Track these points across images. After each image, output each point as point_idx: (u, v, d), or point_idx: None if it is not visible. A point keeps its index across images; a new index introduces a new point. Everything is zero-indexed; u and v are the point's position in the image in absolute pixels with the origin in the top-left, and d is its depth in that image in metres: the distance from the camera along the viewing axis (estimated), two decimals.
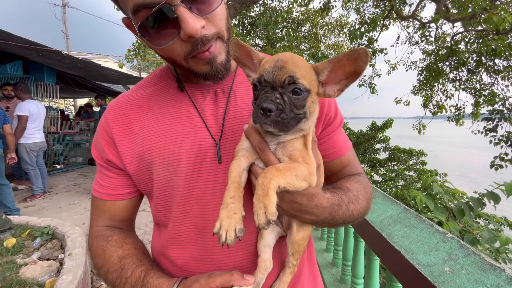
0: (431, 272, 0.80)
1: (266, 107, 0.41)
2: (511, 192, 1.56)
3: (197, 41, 0.49)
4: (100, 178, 0.65)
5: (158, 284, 0.53)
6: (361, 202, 0.58)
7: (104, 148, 0.61)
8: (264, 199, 0.41)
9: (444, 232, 0.94)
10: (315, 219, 0.51)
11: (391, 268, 1.04)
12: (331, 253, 2.35)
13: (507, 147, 5.43)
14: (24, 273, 2.06)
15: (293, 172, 0.45)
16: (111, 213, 0.65)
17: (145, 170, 0.59)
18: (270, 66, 0.43)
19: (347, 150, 0.69)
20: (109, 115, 0.62)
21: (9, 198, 3.59)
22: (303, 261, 0.68)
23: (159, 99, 0.61)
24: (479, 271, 0.74)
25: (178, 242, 0.58)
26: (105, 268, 0.59)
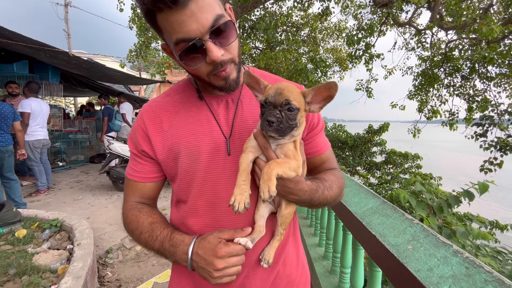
0: (397, 250, 0.97)
1: (270, 120, 0.60)
2: (484, 191, 1.73)
3: (217, 64, 0.68)
4: (133, 165, 0.83)
5: (182, 238, 0.71)
6: (334, 189, 0.76)
7: (140, 141, 0.79)
8: (268, 182, 0.60)
9: (412, 219, 1.11)
10: (298, 199, 0.69)
11: (369, 250, 1.21)
12: (323, 247, 2.52)
13: (496, 152, 5.63)
14: (37, 261, 2.22)
15: (287, 165, 0.64)
16: (142, 192, 0.83)
17: (172, 159, 0.77)
18: (273, 92, 0.62)
19: (326, 150, 0.88)
20: (144, 116, 0.80)
21: (17, 192, 3.74)
22: (288, 235, 0.85)
23: (184, 105, 0.79)
24: (433, 247, 0.91)
25: (195, 213, 0.76)
26: (138, 231, 0.76)
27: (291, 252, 0.85)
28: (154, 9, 0.60)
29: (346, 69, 11.43)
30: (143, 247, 0.77)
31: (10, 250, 2.42)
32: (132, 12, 8.52)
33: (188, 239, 0.70)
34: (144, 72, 23.56)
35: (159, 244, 0.72)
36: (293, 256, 0.86)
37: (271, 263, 0.75)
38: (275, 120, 0.60)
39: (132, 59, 10.05)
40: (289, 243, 0.85)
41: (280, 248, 0.80)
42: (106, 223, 3.58)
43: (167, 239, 0.72)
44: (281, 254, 0.81)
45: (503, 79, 7.72)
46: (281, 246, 0.80)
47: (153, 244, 0.73)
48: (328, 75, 10.24)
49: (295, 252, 0.88)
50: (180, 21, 0.60)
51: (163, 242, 0.72)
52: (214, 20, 0.62)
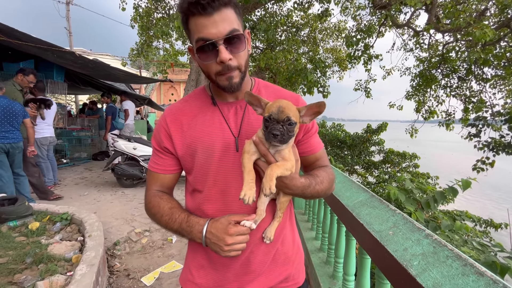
0: (380, 235, 1.13)
1: (276, 133, 0.75)
2: (466, 187, 1.89)
3: (225, 66, 0.83)
4: (156, 159, 0.98)
5: (197, 220, 0.86)
6: (325, 184, 0.92)
7: (163, 139, 0.95)
8: (270, 182, 0.75)
9: (394, 209, 1.27)
10: (291, 192, 0.86)
11: (357, 238, 1.37)
12: (319, 240, 2.67)
13: (488, 151, 5.80)
14: (51, 250, 2.37)
15: (285, 166, 0.80)
16: (162, 181, 0.99)
17: (189, 155, 0.92)
18: (276, 110, 0.77)
19: (319, 149, 1.04)
20: (167, 118, 0.96)
21: (26, 188, 3.89)
22: (286, 220, 1.02)
23: (201, 110, 0.95)
24: (410, 232, 1.06)
25: (210, 200, 0.91)
26: (160, 214, 0.92)
27: (288, 234, 1.02)
28: (188, 13, 0.79)
29: (345, 69, 11.55)
30: (163, 227, 0.93)
31: (25, 241, 2.57)
32: (134, 11, 8.64)
33: (203, 220, 0.86)
34: (144, 70, 23.65)
35: (178, 225, 0.88)
36: (290, 237, 1.02)
37: (272, 240, 0.92)
38: (279, 134, 0.75)
39: (134, 58, 10.17)
40: (286, 227, 1.01)
41: (279, 230, 0.97)
42: (113, 217, 3.73)
43: (185, 221, 0.88)
44: (280, 235, 0.97)
45: (499, 81, 7.88)
46: (280, 228, 0.97)
47: (173, 225, 0.89)
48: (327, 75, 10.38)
49: (291, 234, 1.04)
50: (204, 25, 0.77)
51: (181, 223, 0.88)
52: (230, 31, 0.79)
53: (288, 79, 8.27)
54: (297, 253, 1.04)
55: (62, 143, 6.94)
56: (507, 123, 5.56)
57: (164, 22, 6.94)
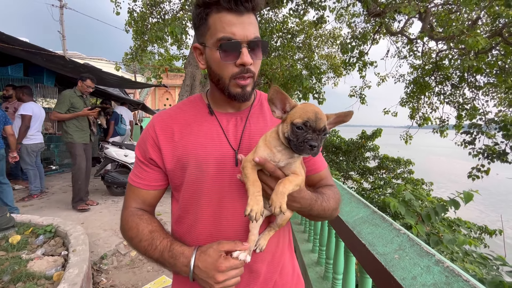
0: (385, 259, 1.04)
1: (314, 145, 0.64)
2: (469, 200, 1.82)
3: (244, 69, 0.76)
4: (138, 172, 0.86)
5: (182, 250, 0.74)
6: (331, 202, 0.82)
7: (149, 150, 0.83)
8: (282, 199, 0.66)
9: (399, 229, 1.18)
10: (299, 207, 0.75)
11: (359, 258, 1.27)
12: (316, 253, 2.57)
13: (483, 159, 5.82)
14: (31, 267, 2.22)
15: (295, 181, 0.70)
16: (144, 198, 0.87)
17: (180, 169, 0.81)
18: (313, 116, 0.66)
19: (324, 168, 0.95)
20: (156, 126, 0.85)
21: (9, 197, 3.71)
22: (284, 247, 0.91)
23: (196, 119, 0.85)
24: (417, 257, 0.97)
25: (201, 223, 0.80)
26: (138, 238, 0.79)
27: (287, 263, 0.91)
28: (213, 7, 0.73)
29: (340, 75, 11.63)
30: (142, 254, 0.80)
31: (4, 257, 2.40)
32: (129, 16, 8.57)
33: (188, 251, 0.74)
34: (139, 75, 23.47)
35: (158, 254, 0.76)
36: (289, 267, 0.92)
37: (263, 249, 0.80)
38: (317, 145, 0.65)
39: (128, 62, 10.06)
40: (285, 255, 0.91)
41: (277, 259, 0.86)
42: (101, 229, 3.57)
43: (167, 250, 0.75)
44: (278, 264, 0.87)
45: (491, 88, 7.98)
46: (278, 257, 0.86)
47: (153, 253, 0.77)
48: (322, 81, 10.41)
49: (291, 263, 0.94)
50: (232, 23, 0.72)
51: (163, 252, 0.75)
52: (255, 36, 0.75)
53: (284, 85, 8.24)
54: (297, 284, 0.94)
55: (51, 149, 6.74)
56: (501, 130, 5.59)
57: (159, 27, 6.88)
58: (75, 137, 4.08)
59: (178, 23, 6.10)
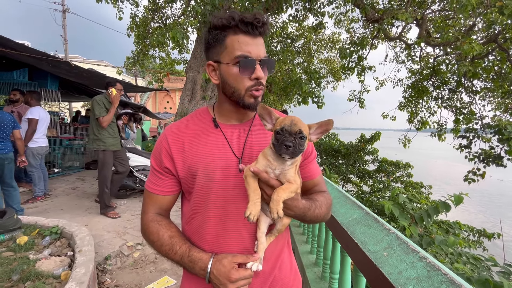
0: (375, 256, 1.13)
1: (288, 145, 0.75)
2: (459, 202, 1.91)
3: (258, 82, 0.88)
4: (154, 180, 0.96)
5: (200, 256, 0.85)
6: (323, 209, 0.93)
7: (164, 160, 0.93)
8: (277, 206, 0.76)
9: (389, 229, 1.27)
10: (293, 214, 0.85)
11: (352, 257, 1.36)
12: (314, 254, 2.65)
13: (479, 163, 5.91)
14: (39, 267, 2.30)
15: (290, 189, 0.80)
16: (161, 204, 0.97)
17: (190, 176, 0.91)
18: (289, 123, 0.78)
19: (317, 175, 1.05)
20: (168, 138, 0.95)
21: (16, 199, 3.79)
22: (284, 245, 1.01)
23: (203, 130, 0.95)
24: (404, 254, 1.06)
25: (208, 224, 0.90)
26: (159, 243, 0.89)
27: (285, 260, 1.01)
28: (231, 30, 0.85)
29: (339, 79, 11.76)
30: (162, 256, 0.91)
31: (12, 257, 2.49)
32: (131, 21, 8.71)
33: (206, 258, 0.84)
34: (140, 78, 23.64)
35: (178, 258, 0.87)
36: (287, 263, 1.01)
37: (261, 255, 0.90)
38: (292, 145, 0.76)
39: (130, 66, 10.20)
40: (284, 252, 1.00)
41: (276, 256, 0.96)
42: (104, 230, 3.65)
43: (186, 255, 0.86)
44: (277, 261, 0.96)
45: (488, 93, 8.09)
46: (277, 255, 0.96)
47: (174, 257, 0.88)
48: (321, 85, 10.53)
49: (289, 260, 1.03)
50: (248, 43, 0.85)
51: (183, 257, 0.86)
52: (265, 56, 0.89)
53: (283, 89, 8.36)
54: (294, 279, 1.03)
55: (54, 152, 6.83)
56: (497, 134, 5.69)
57: (161, 32, 7.00)
58: (108, 144, 4.03)
59: (179, 28, 6.23)
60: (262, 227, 0.89)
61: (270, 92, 9.70)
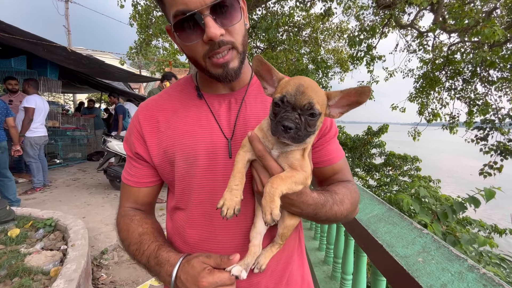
0: (407, 262, 0.92)
1: (288, 126, 0.50)
2: (490, 197, 1.69)
3: (215, 44, 0.61)
4: (129, 168, 0.76)
5: (168, 256, 0.63)
6: (345, 205, 0.66)
7: (135, 143, 0.73)
8: (271, 204, 0.51)
9: (421, 228, 1.06)
10: (300, 212, 0.61)
11: (374, 260, 1.15)
12: (323, 251, 2.46)
13: (496, 156, 5.60)
14: (29, 262, 2.15)
15: (293, 179, 0.55)
16: (136, 197, 0.77)
17: (168, 163, 0.70)
18: (293, 90, 0.52)
19: (339, 159, 0.78)
20: (140, 115, 0.74)
21: (11, 190, 3.67)
22: (293, 252, 0.78)
23: (183, 104, 0.73)
24: (446, 261, 0.85)
25: (192, 224, 0.69)
26: (128, 241, 0.70)
27: (295, 271, 0.78)
28: None
29: (347, 70, 11.40)
30: (132, 259, 0.71)
31: (2, 250, 2.35)
32: (133, 9, 8.46)
33: (174, 258, 0.62)
34: (145, 70, 23.41)
35: (145, 260, 0.66)
36: (297, 275, 0.79)
37: (263, 269, 0.67)
38: (293, 126, 0.50)
39: (132, 56, 10.00)
40: (293, 261, 0.78)
41: (283, 268, 0.74)
42: (102, 223, 3.51)
43: (153, 256, 0.64)
44: (283, 275, 0.74)
45: (505, 83, 7.69)
46: (283, 266, 0.74)
47: (140, 258, 0.67)
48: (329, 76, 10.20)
49: (300, 272, 0.80)
50: None
51: (149, 258, 0.65)
52: None
53: None
54: None
55: (55, 143, 6.72)
56: None
57: (163, 20, 6.77)
58: None
59: None
60: (258, 224, 0.66)
61: None
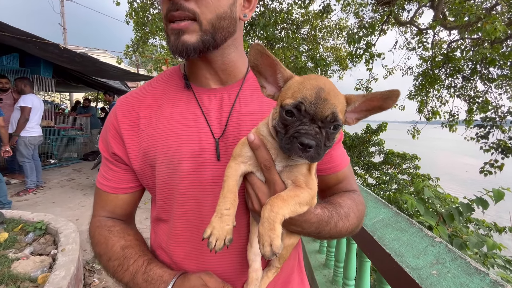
0: (419, 274, 0.83)
1: (308, 144, 0.40)
2: (499, 199, 1.61)
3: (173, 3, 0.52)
4: (105, 171, 0.67)
5: (162, 272, 0.55)
6: (351, 219, 0.59)
7: (111, 142, 0.63)
8: (271, 232, 0.42)
9: (433, 236, 0.98)
10: (301, 231, 0.53)
11: (381, 270, 1.07)
12: (324, 254, 2.39)
13: (497, 154, 5.55)
14: (16, 268, 2.05)
15: (297, 200, 0.46)
16: (113, 205, 0.67)
17: (149, 166, 0.61)
18: (312, 96, 0.42)
19: (344, 166, 0.71)
20: (118, 110, 0.64)
21: (2, 192, 3.56)
22: (293, 269, 0.71)
23: (169, 98, 0.63)
24: (464, 275, 0.77)
25: (175, 239, 0.60)
26: (107, 256, 0.61)
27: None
28: None
29: (345, 68, 11.32)
30: (111, 277, 0.61)
31: None
32: (129, 7, 8.32)
33: (168, 275, 0.55)
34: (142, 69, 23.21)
35: (129, 277, 0.56)
36: None
37: None
38: (314, 144, 0.40)
39: (129, 55, 9.85)
40: (293, 280, 0.69)
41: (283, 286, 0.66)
42: None
43: (141, 272, 0.56)
44: None
45: (505, 81, 7.64)
46: (283, 283, 0.65)
47: (123, 275, 0.57)
48: (328, 74, 10.11)
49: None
50: None
51: (136, 275, 0.56)
52: None
53: None
54: None
55: (50, 143, 6.60)
56: None
57: (160, 18, 6.65)
58: None
59: None
60: (255, 244, 0.56)
61: None
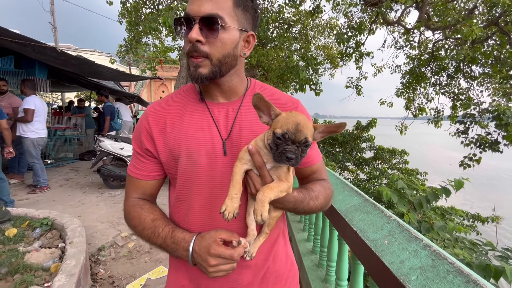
0: (375, 244, 1.06)
1: (291, 157, 0.65)
2: (459, 187, 1.86)
3: (192, 46, 0.75)
4: (136, 163, 0.88)
5: (183, 236, 0.77)
6: (320, 200, 0.83)
7: (144, 141, 0.85)
8: (262, 208, 0.67)
9: (389, 215, 1.21)
10: (283, 207, 0.78)
11: (351, 245, 1.30)
12: (311, 242, 2.62)
13: (476, 148, 5.90)
14: (28, 259, 2.23)
15: (279, 188, 0.72)
16: (143, 189, 0.89)
17: (173, 160, 0.83)
18: (292, 129, 0.66)
19: (317, 161, 0.95)
20: (149, 117, 0.86)
21: (5, 191, 3.69)
22: (278, 235, 0.93)
23: (188, 109, 0.86)
24: (406, 242, 1.00)
25: (194, 213, 0.82)
26: (141, 227, 0.82)
27: (280, 250, 0.93)
28: None
29: (336, 66, 11.56)
30: (145, 241, 0.83)
31: (1, 250, 2.41)
32: (122, 6, 8.35)
33: (189, 236, 0.77)
34: (134, 67, 23.11)
35: (161, 241, 0.79)
36: (282, 253, 0.94)
37: (253, 256, 0.82)
38: (294, 157, 0.65)
39: (122, 55, 9.88)
40: (278, 242, 0.92)
41: (270, 247, 0.88)
42: (98, 221, 3.59)
43: (169, 236, 0.78)
44: (271, 251, 0.89)
45: (486, 79, 8.00)
46: (270, 245, 0.88)
47: (156, 240, 0.80)
48: (319, 72, 10.34)
49: (284, 251, 0.95)
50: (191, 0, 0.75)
51: (165, 239, 0.78)
52: (210, 13, 0.72)
53: (280, 77, 8.19)
54: (290, 270, 0.96)
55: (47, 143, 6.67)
56: (494, 120, 5.64)
57: (153, 17, 6.73)
58: None
59: (172, 13, 5.98)
60: (252, 214, 0.81)
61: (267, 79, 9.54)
